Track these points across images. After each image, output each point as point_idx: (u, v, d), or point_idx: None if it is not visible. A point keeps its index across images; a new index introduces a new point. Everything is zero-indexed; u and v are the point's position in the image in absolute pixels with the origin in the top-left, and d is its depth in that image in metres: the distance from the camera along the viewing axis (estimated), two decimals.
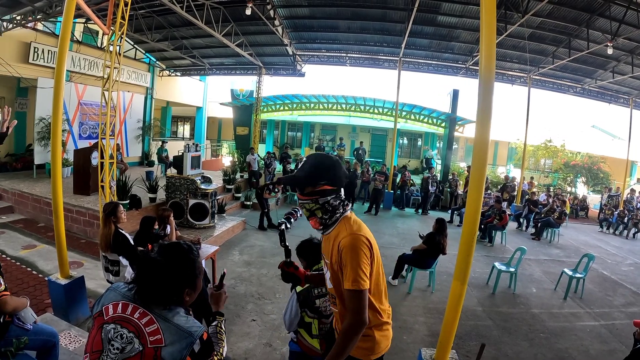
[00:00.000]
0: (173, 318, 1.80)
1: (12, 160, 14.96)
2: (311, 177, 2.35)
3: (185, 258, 1.88)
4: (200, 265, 1.95)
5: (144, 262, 1.88)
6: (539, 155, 27.35)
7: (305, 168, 2.38)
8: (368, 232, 2.35)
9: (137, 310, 1.80)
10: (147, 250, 5.16)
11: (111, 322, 1.80)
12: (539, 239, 13.22)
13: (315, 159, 2.44)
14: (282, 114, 25.22)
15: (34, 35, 14.01)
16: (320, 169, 2.36)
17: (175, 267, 1.83)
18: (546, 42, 13.89)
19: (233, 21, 14.52)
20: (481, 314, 6.97)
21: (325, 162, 2.41)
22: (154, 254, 1.87)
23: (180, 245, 1.93)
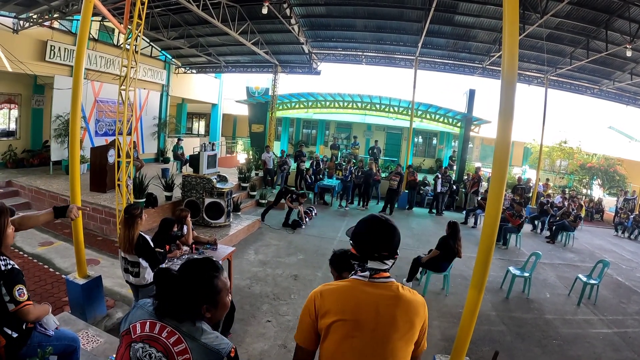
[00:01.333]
0: (201, 337, 1.79)
1: (29, 156, 15.19)
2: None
3: (203, 276, 1.86)
4: (223, 281, 1.92)
5: (162, 277, 1.88)
6: (554, 156, 27.07)
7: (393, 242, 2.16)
8: (331, 291, 2.11)
9: (165, 329, 1.80)
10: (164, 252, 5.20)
11: (139, 341, 1.81)
12: (554, 243, 13.09)
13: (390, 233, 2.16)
14: (298, 111, 25.22)
15: (51, 34, 14.17)
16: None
17: (191, 284, 1.82)
18: (564, 42, 13.72)
19: (249, 19, 14.54)
20: (495, 318, 6.95)
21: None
22: (176, 270, 1.88)
23: (201, 262, 1.91)
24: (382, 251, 2.09)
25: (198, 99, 25.23)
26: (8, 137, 15.22)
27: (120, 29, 10.02)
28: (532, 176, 19.25)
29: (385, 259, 2.11)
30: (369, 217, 2.20)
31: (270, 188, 16.85)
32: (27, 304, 2.89)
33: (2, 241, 2.80)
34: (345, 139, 29.10)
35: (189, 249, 6.23)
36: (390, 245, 2.12)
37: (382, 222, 2.14)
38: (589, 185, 25.07)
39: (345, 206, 16.07)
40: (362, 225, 2.18)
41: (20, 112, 15.41)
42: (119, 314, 5.85)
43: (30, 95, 15.34)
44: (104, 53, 16.36)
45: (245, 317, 6.15)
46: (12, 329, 2.91)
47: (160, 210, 10.32)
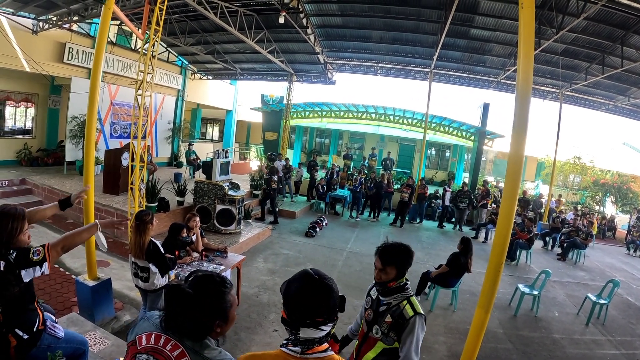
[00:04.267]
0: (204, 351, 1.82)
1: (43, 155, 15.41)
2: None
3: (217, 292, 1.87)
4: (233, 296, 1.94)
5: (174, 293, 1.87)
6: (567, 171, 26.89)
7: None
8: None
9: (169, 342, 1.82)
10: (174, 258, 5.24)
11: (144, 352, 1.84)
12: (565, 260, 12.97)
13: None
14: (311, 120, 25.30)
15: (69, 36, 14.36)
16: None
17: (205, 301, 1.82)
18: (579, 58, 13.65)
19: (266, 28, 14.64)
20: (502, 336, 6.89)
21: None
22: (186, 284, 1.87)
23: (212, 278, 1.91)
24: (315, 317, 1.79)
25: (213, 104, 25.39)
26: (24, 135, 15.46)
27: (138, 34, 10.14)
28: (544, 191, 19.10)
29: (321, 324, 1.81)
30: (299, 276, 1.92)
31: (281, 196, 16.89)
32: (47, 247, 2.89)
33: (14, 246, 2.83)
34: (359, 149, 29.12)
35: (199, 255, 6.27)
36: (324, 309, 1.81)
37: (315, 282, 1.85)
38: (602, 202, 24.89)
39: (356, 217, 16.06)
40: (290, 285, 1.89)
41: (36, 111, 15.65)
42: (126, 316, 5.89)
43: (47, 95, 15.57)
44: (122, 57, 16.54)
45: (252, 326, 6.16)
46: (23, 330, 2.94)
47: (172, 215, 10.38)
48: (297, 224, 13.78)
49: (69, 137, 14.05)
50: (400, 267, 2.98)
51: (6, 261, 2.74)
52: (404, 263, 3.00)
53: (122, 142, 15.26)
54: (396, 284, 2.99)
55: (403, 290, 2.99)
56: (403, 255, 3.01)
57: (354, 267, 9.86)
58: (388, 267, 2.99)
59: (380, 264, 3.02)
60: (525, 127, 3.73)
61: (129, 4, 10.97)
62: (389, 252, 3.03)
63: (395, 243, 3.09)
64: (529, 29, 3.68)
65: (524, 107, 3.72)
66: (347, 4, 13.16)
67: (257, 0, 12.76)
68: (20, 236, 2.88)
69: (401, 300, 2.93)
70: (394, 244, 3.07)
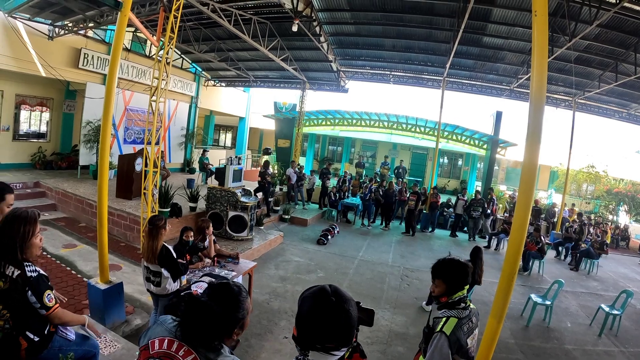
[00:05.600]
0: (217, 358, 1.82)
1: (57, 159, 15.66)
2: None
3: (235, 302, 1.87)
4: (249, 304, 1.94)
5: (192, 304, 1.86)
6: (580, 180, 26.67)
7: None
8: None
9: (182, 348, 1.82)
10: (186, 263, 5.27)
11: (156, 357, 1.84)
12: (577, 270, 12.84)
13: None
14: (324, 128, 25.37)
15: (85, 42, 14.59)
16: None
17: (223, 311, 1.82)
18: (592, 65, 13.55)
19: (279, 36, 14.72)
20: (513, 346, 6.82)
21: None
22: (203, 295, 1.88)
23: (229, 287, 1.91)
24: (326, 342, 1.62)
25: (226, 111, 25.56)
26: (38, 139, 15.69)
27: (153, 41, 10.24)
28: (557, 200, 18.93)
29: (333, 350, 1.63)
30: (315, 292, 1.69)
31: (293, 204, 16.93)
32: (56, 307, 2.98)
33: (26, 249, 2.88)
34: (371, 157, 29.10)
35: (211, 261, 6.29)
36: (337, 335, 1.62)
37: (329, 304, 1.63)
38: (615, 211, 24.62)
39: (368, 225, 16.04)
40: (304, 302, 1.69)
41: (51, 115, 15.92)
42: (137, 320, 5.92)
43: (62, 100, 15.81)
44: (136, 63, 16.74)
45: (262, 333, 6.17)
46: (34, 333, 2.97)
47: (184, 221, 10.41)
48: (308, 231, 13.79)
49: (83, 142, 14.21)
50: (449, 282, 2.94)
51: (22, 271, 2.79)
52: (454, 278, 2.94)
53: (136, 148, 15.39)
54: (448, 299, 2.94)
55: (453, 308, 2.90)
56: (452, 271, 2.97)
57: (365, 275, 9.83)
58: (437, 280, 2.98)
59: (432, 276, 3.02)
60: (539, 135, 3.71)
61: (144, 11, 11.09)
62: (438, 266, 3.03)
63: (450, 258, 3.06)
64: (543, 37, 3.67)
65: (538, 116, 3.70)
66: (360, 12, 13.19)
67: (270, 9, 12.83)
68: (32, 239, 2.91)
69: (444, 316, 2.86)
70: (448, 259, 3.05)
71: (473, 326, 2.91)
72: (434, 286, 3.01)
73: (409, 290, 9.06)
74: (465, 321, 2.83)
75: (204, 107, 22.83)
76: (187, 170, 20.80)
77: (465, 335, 2.79)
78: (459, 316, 2.83)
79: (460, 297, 2.93)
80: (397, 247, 13.01)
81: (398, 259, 11.62)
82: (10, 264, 2.77)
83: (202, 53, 16.63)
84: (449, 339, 2.71)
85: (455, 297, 2.92)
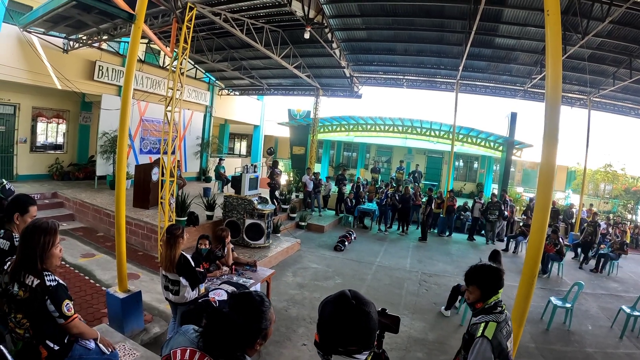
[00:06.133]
0: None
1: (74, 169, 15.94)
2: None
3: (257, 312, 1.87)
4: (272, 314, 1.94)
5: (215, 315, 1.87)
6: (597, 180, 26.34)
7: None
8: None
9: (203, 358, 1.83)
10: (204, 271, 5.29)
11: None
12: (598, 271, 12.66)
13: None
14: (338, 134, 25.37)
15: (99, 54, 14.82)
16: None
17: (246, 322, 1.83)
18: (606, 62, 13.39)
19: (291, 44, 14.79)
20: (534, 350, 6.73)
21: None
22: (225, 305, 1.88)
23: (251, 298, 1.91)
24: (348, 345, 1.64)
25: (240, 120, 25.69)
26: (55, 150, 16.01)
27: (166, 52, 10.36)
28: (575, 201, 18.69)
29: (355, 353, 1.65)
30: (335, 298, 1.72)
31: (309, 210, 16.94)
32: (74, 317, 3.01)
33: (46, 259, 2.91)
34: (386, 162, 29.03)
35: (229, 269, 6.31)
36: (358, 338, 1.65)
37: (350, 307, 1.66)
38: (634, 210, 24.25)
39: (385, 230, 16.00)
40: (325, 307, 1.72)
41: (68, 127, 16.23)
42: (156, 328, 5.95)
43: (78, 111, 16.15)
44: (150, 74, 16.92)
45: (281, 340, 6.17)
46: (54, 341, 3.00)
47: (201, 229, 10.45)
48: (325, 237, 13.78)
49: (99, 153, 14.41)
50: (483, 287, 2.95)
51: (41, 280, 2.83)
52: (488, 284, 2.95)
53: (152, 158, 15.54)
54: (483, 305, 2.95)
55: (490, 312, 2.90)
56: (486, 276, 2.98)
57: (383, 281, 9.79)
58: (471, 286, 2.99)
59: (465, 282, 3.05)
60: (556, 136, 3.68)
61: (157, 22, 11.20)
62: (472, 272, 3.04)
63: (483, 264, 3.07)
64: (556, 36, 3.65)
65: (554, 116, 3.68)
66: (371, 18, 13.19)
67: (282, 17, 12.88)
68: (52, 250, 2.95)
69: (482, 321, 2.86)
70: (480, 265, 3.06)
71: (510, 329, 2.90)
72: (468, 292, 3.03)
73: (427, 296, 9.01)
74: (503, 325, 2.83)
75: (218, 116, 22.97)
76: (203, 179, 20.92)
77: (505, 339, 2.79)
78: (497, 320, 2.83)
79: (495, 301, 2.94)
80: (414, 252, 12.95)
81: (416, 264, 11.57)
82: (30, 274, 2.81)
83: (216, 63, 16.74)
84: (492, 343, 2.71)
85: (491, 302, 2.93)
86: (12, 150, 14.23)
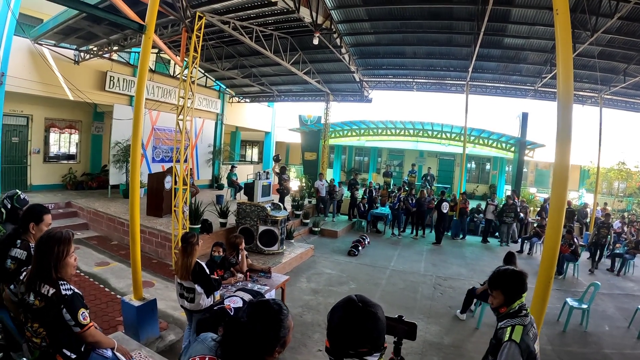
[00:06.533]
0: None
1: (87, 179, 16.19)
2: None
3: (276, 320, 1.86)
4: (290, 321, 1.94)
5: (234, 325, 1.86)
6: (611, 178, 26.07)
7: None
8: None
9: None
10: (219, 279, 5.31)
11: None
12: (612, 271, 12.52)
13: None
14: (350, 139, 25.42)
15: (110, 65, 15.05)
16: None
17: (264, 331, 1.82)
18: (616, 59, 13.27)
19: (300, 50, 14.82)
20: (551, 353, 6.65)
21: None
22: (243, 315, 1.86)
23: (269, 306, 1.90)
24: (358, 347, 1.67)
25: (251, 127, 25.77)
26: (68, 160, 16.25)
27: (177, 61, 10.44)
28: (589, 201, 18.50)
29: (366, 354, 1.68)
30: (342, 303, 1.77)
31: (322, 216, 16.94)
32: (90, 326, 3.03)
33: (61, 268, 2.94)
34: (398, 166, 28.97)
35: (244, 276, 6.33)
36: (367, 339, 1.68)
37: (357, 309, 1.71)
38: None
39: (398, 235, 15.96)
40: (334, 313, 1.76)
41: (80, 137, 16.46)
42: (171, 336, 5.98)
43: (90, 122, 16.40)
44: (161, 83, 17.11)
45: (296, 346, 6.16)
46: (70, 350, 3.02)
47: (215, 237, 10.49)
48: (339, 243, 13.79)
49: (112, 162, 14.53)
50: (506, 292, 2.93)
51: (56, 290, 2.85)
52: (511, 288, 2.93)
53: (164, 166, 15.62)
54: (507, 309, 2.93)
55: (515, 316, 2.89)
56: (509, 280, 2.95)
57: (397, 286, 9.75)
58: (495, 291, 2.98)
59: (488, 288, 3.04)
60: (570, 135, 3.66)
61: (166, 32, 11.28)
62: (495, 276, 3.03)
63: (506, 268, 3.05)
64: (566, 34, 3.63)
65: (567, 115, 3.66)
66: (379, 22, 13.17)
67: (290, 23, 12.91)
68: (67, 259, 2.98)
69: (508, 325, 2.85)
70: (503, 269, 3.04)
71: (535, 332, 2.89)
72: (492, 297, 3.02)
73: (442, 299, 8.96)
74: (529, 327, 2.83)
75: (229, 123, 23.09)
76: (216, 186, 21.00)
77: (532, 342, 2.78)
78: (523, 323, 2.83)
79: (520, 304, 2.92)
80: (428, 256, 12.90)
81: (430, 268, 11.51)
82: (46, 283, 2.84)
83: (226, 70, 16.82)
84: (520, 347, 2.70)
85: (515, 306, 2.91)
86: (25, 161, 14.43)
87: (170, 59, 15.39)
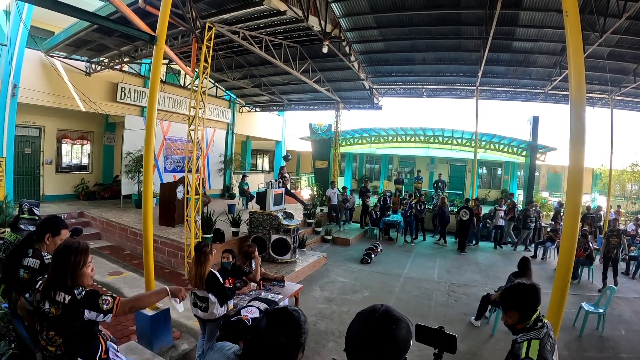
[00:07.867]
0: None
1: (100, 189, 16.34)
2: None
3: (298, 327, 1.83)
4: (308, 327, 1.90)
5: (256, 337, 1.82)
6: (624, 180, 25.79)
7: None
8: None
9: None
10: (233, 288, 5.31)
11: None
12: (628, 274, 12.36)
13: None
14: (360, 147, 25.42)
15: (121, 76, 15.21)
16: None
17: (289, 340, 1.79)
18: (626, 59, 13.16)
19: (310, 58, 14.87)
20: (567, 358, 6.56)
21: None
22: (262, 325, 1.83)
23: (289, 314, 1.87)
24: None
25: (262, 136, 25.92)
26: (81, 170, 16.44)
27: (187, 72, 10.51)
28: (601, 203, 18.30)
29: None
30: (365, 312, 1.70)
31: (335, 224, 16.91)
32: (117, 302, 3.05)
33: (77, 278, 2.95)
34: (409, 173, 28.90)
35: (257, 285, 6.33)
36: (388, 354, 1.60)
37: (378, 321, 1.63)
38: None
39: (410, 242, 15.88)
40: (354, 324, 1.69)
41: (92, 148, 16.67)
42: (184, 345, 5.97)
43: (102, 132, 16.59)
44: (172, 94, 17.27)
45: (310, 355, 6.13)
46: (85, 358, 3.02)
47: (227, 246, 10.44)
48: (351, 251, 13.74)
49: (124, 172, 14.65)
50: (521, 310, 2.86)
51: (72, 296, 2.86)
52: (525, 305, 2.86)
53: (176, 176, 15.72)
54: (523, 325, 2.86)
55: (530, 331, 2.82)
56: (522, 298, 2.89)
57: (412, 293, 9.68)
58: (509, 311, 2.91)
59: (501, 308, 2.97)
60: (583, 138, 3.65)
61: (176, 43, 11.37)
62: (506, 298, 2.97)
63: (517, 284, 2.99)
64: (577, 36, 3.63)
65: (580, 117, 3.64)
66: (387, 29, 13.19)
67: (299, 32, 12.96)
68: (83, 269, 2.99)
69: (524, 340, 2.78)
70: (513, 287, 2.99)
71: (553, 342, 2.81)
72: (506, 317, 2.94)
73: (457, 306, 8.89)
74: (546, 340, 2.75)
75: (240, 132, 23.23)
76: (227, 195, 21.09)
77: (550, 354, 2.70)
78: (539, 336, 2.76)
79: (535, 318, 2.85)
80: (442, 263, 12.82)
81: (444, 275, 11.43)
82: (61, 291, 2.85)
83: (236, 80, 16.94)
84: None
85: (531, 321, 2.84)
86: (38, 172, 14.61)
87: (181, 70, 15.50)
